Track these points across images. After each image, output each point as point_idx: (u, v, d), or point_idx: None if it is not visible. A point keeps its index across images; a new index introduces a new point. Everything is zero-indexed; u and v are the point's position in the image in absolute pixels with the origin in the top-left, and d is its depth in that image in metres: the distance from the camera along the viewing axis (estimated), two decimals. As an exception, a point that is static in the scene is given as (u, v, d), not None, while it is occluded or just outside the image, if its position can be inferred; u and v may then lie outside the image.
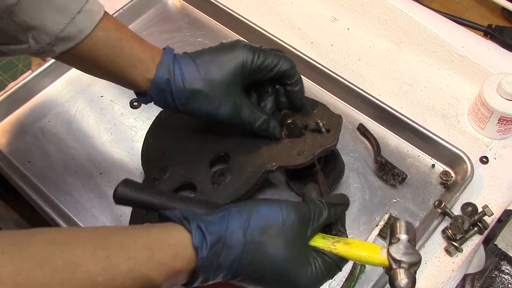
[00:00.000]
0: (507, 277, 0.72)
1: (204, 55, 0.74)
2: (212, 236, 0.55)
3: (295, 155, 0.77)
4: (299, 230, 0.58)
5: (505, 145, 0.92)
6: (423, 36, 1.02)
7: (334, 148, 0.79)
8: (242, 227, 0.56)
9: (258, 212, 0.58)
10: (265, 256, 0.56)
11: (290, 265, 0.57)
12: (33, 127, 0.96)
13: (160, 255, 0.53)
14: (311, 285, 0.59)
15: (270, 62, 0.73)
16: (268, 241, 0.56)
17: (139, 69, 0.72)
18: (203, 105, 0.73)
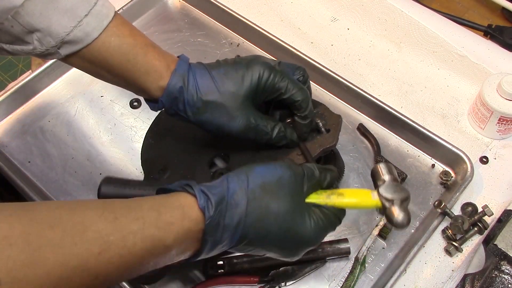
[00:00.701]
0: (507, 277, 0.72)
1: (220, 67, 0.72)
2: (215, 197, 0.56)
3: (294, 155, 0.77)
4: (296, 185, 0.61)
5: (505, 145, 0.92)
6: (423, 36, 1.02)
7: (334, 148, 0.79)
8: (242, 186, 0.58)
9: (255, 171, 0.60)
10: (269, 211, 0.58)
11: (293, 217, 0.59)
12: (33, 127, 0.96)
13: (167, 215, 0.54)
14: (315, 237, 0.61)
15: (284, 86, 0.72)
16: (269, 197, 0.58)
17: (152, 76, 0.70)
18: (215, 117, 0.72)
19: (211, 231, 0.56)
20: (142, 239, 0.52)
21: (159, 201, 0.56)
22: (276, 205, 0.58)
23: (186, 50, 1.06)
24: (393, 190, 0.63)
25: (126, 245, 0.51)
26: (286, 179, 0.60)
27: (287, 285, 0.78)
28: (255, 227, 0.58)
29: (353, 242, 0.81)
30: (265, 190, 0.59)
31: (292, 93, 0.72)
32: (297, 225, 0.60)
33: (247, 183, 0.59)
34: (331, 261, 0.80)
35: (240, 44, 1.06)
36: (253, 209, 0.58)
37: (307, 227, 0.60)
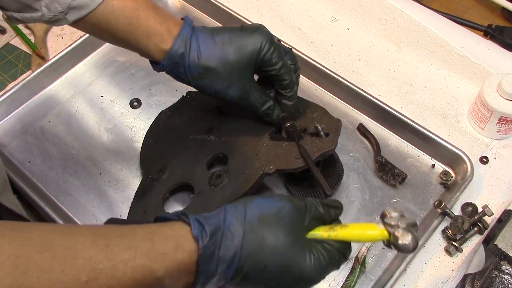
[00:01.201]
0: (507, 277, 0.72)
1: (224, 33, 0.74)
2: (210, 226, 0.54)
3: (293, 159, 0.76)
4: (296, 218, 0.58)
5: (505, 145, 0.92)
6: (423, 36, 1.02)
7: (332, 152, 0.78)
8: (239, 217, 0.56)
9: (253, 203, 0.58)
10: (266, 244, 0.55)
11: (291, 252, 0.56)
12: (33, 127, 0.96)
13: (160, 245, 0.52)
14: (315, 275, 0.58)
15: (278, 63, 0.74)
16: (266, 229, 0.56)
17: (154, 40, 0.72)
18: (214, 83, 0.74)
19: (205, 262, 0.54)
20: (132, 269, 0.50)
21: (153, 230, 0.54)
22: (274, 238, 0.55)
23: (186, 50, 1.05)
24: (398, 219, 0.58)
25: (115, 275, 0.49)
26: (286, 212, 0.57)
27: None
28: (252, 260, 0.55)
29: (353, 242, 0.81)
30: (262, 222, 0.56)
31: (283, 72, 0.75)
32: (296, 261, 0.56)
33: (245, 214, 0.56)
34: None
35: (240, 44, 1.06)
36: (250, 241, 0.55)
37: (307, 263, 0.57)
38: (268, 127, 0.82)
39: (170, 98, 0.97)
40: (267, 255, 0.55)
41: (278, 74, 0.75)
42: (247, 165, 0.79)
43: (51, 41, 1.09)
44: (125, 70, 0.93)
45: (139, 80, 1.00)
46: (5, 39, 1.10)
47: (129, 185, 0.89)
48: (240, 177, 0.78)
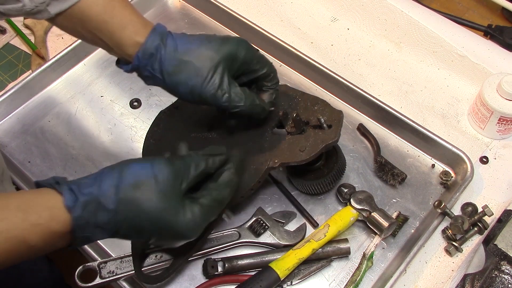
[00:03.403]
0: (507, 277, 0.72)
1: (202, 34, 0.73)
2: (84, 197, 0.56)
3: (297, 152, 0.77)
4: (173, 182, 0.61)
5: (505, 145, 0.92)
6: (423, 36, 1.02)
7: (336, 143, 0.79)
8: (114, 185, 0.58)
9: (130, 169, 0.60)
10: (140, 210, 0.58)
11: (166, 214, 0.59)
12: (33, 127, 0.96)
13: (34, 216, 0.54)
14: (191, 229, 0.62)
15: (256, 63, 0.74)
16: (140, 196, 0.58)
17: (128, 30, 0.69)
18: (189, 77, 0.70)
19: (79, 230, 0.56)
20: (5, 239, 0.52)
21: (27, 200, 0.55)
22: (149, 204, 0.58)
23: (186, 50, 1.05)
24: None
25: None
26: (161, 178, 0.60)
27: (293, 284, 0.78)
28: (127, 224, 0.59)
29: (353, 242, 0.81)
30: (138, 189, 0.58)
31: (266, 66, 0.75)
32: (171, 222, 0.60)
33: (120, 181, 0.58)
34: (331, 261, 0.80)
35: (240, 44, 1.06)
36: (124, 208, 0.58)
37: (181, 221, 0.61)
38: (270, 122, 0.83)
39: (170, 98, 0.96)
40: (142, 220, 0.59)
41: (263, 70, 0.74)
42: (252, 160, 0.79)
43: (51, 41, 1.09)
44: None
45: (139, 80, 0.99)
46: (5, 39, 1.10)
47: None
48: (245, 172, 0.78)
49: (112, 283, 0.76)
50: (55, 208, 0.55)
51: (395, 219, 0.80)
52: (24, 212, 0.54)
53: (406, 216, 0.84)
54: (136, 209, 0.58)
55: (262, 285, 0.74)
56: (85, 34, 0.72)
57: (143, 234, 0.61)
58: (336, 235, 0.79)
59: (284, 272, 0.75)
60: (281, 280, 0.75)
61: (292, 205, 0.85)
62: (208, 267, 0.78)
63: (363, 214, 0.80)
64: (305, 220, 0.84)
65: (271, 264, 0.76)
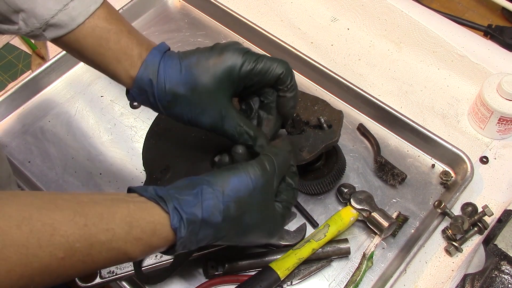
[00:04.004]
0: (507, 277, 0.72)
1: (193, 56, 0.67)
2: (188, 217, 0.56)
3: (297, 152, 0.77)
4: (267, 189, 0.62)
5: (505, 145, 0.92)
6: (423, 36, 1.02)
7: (336, 143, 0.79)
8: (217, 203, 0.58)
9: (230, 185, 0.59)
10: (242, 226, 0.60)
11: (264, 225, 0.62)
12: (33, 127, 0.96)
13: (138, 230, 0.54)
14: (278, 232, 0.66)
15: (262, 67, 0.66)
16: (242, 212, 0.59)
17: (123, 64, 0.67)
18: (185, 110, 0.68)
19: (182, 247, 0.57)
20: (108, 250, 0.52)
21: (133, 213, 0.55)
22: (249, 218, 0.60)
23: (186, 50, 1.05)
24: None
25: (90, 253, 0.51)
26: (259, 189, 0.60)
27: (293, 284, 0.78)
28: (228, 240, 0.61)
29: (353, 242, 0.81)
30: (239, 206, 0.59)
31: (273, 69, 0.66)
32: (267, 229, 0.63)
33: (222, 198, 0.58)
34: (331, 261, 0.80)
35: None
36: (226, 226, 0.59)
37: (275, 226, 0.64)
38: None
39: (170, 98, 0.97)
40: (241, 233, 0.61)
41: (270, 74, 0.66)
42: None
43: (51, 41, 1.09)
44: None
45: (139, 80, 1.00)
46: (5, 39, 1.10)
47: (129, 185, 0.88)
48: None
49: (112, 283, 0.76)
50: (159, 224, 0.55)
51: (395, 219, 0.80)
52: (129, 225, 0.54)
53: (406, 216, 0.84)
54: (237, 226, 0.60)
55: (262, 285, 0.74)
56: (84, 61, 0.71)
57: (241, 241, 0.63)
58: (336, 235, 0.79)
59: (284, 272, 0.75)
60: (281, 280, 0.75)
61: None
62: (208, 267, 0.78)
63: (363, 214, 0.80)
64: (305, 220, 0.84)
65: (271, 264, 0.76)
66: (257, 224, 0.61)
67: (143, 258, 0.59)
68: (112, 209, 0.54)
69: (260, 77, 0.67)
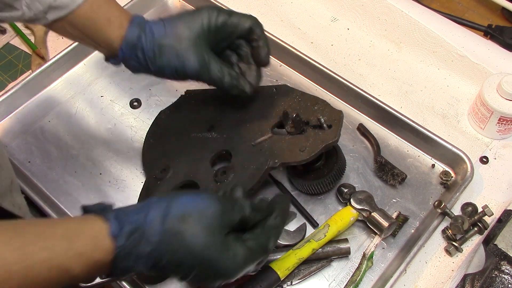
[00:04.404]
0: (507, 277, 0.72)
1: (173, 16, 0.77)
2: (130, 225, 0.55)
3: (297, 152, 0.77)
4: (220, 218, 0.59)
5: (505, 145, 0.92)
6: (423, 36, 1.02)
7: (336, 143, 0.79)
8: (160, 215, 0.57)
9: (178, 200, 0.59)
10: (183, 244, 0.57)
11: (209, 252, 0.58)
12: (33, 127, 0.96)
13: (78, 244, 0.53)
14: (231, 269, 0.59)
15: (234, 19, 0.76)
16: (186, 229, 0.57)
17: (113, 24, 0.74)
18: (171, 59, 0.74)
19: (122, 260, 0.55)
20: (48, 269, 0.51)
21: (72, 229, 0.54)
22: (193, 239, 0.57)
23: (186, 50, 1.05)
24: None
25: (29, 275, 0.49)
26: (210, 212, 0.59)
27: (293, 284, 0.78)
28: (169, 257, 0.57)
29: (353, 242, 0.81)
30: (184, 222, 0.57)
31: (244, 21, 0.76)
32: (213, 260, 0.58)
33: (167, 211, 0.57)
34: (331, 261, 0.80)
35: (240, 44, 1.06)
36: (168, 240, 0.56)
37: (224, 262, 0.58)
38: (270, 121, 0.83)
39: (170, 98, 0.97)
40: (185, 253, 0.57)
41: (240, 27, 0.76)
42: (252, 160, 0.79)
43: (51, 41, 1.09)
44: (125, 70, 0.93)
45: (139, 80, 1.00)
46: (5, 39, 1.10)
47: (129, 185, 0.89)
48: (246, 172, 0.79)
49: (112, 283, 0.76)
50: (100, 235, 0.54)
51: (395, 219, 0.80)
52: (69, 240, 0.53)
53: (406, 216, 0.84)
54: (180, 242, 0.57)
55: (262, 285, 0.74)
56: (74, 33, 0.75)
57: (183, 269, 0.58)
58: (336, 235, 0.79)
59: (284, 272, 0.75)
60: (281, 280, 0.75)
61: (292, 205, 0.85)
62: (208, 267, 0.78)
63: (363, 214, 0.80)
64: (305, 220, 0.84)
65: (271, 264, 0.76)
66: (201, 249, 0.57)
67: (89, 280, 0.56)
68: (51, 226, 0.53)
69: (233, 28, 0.76)
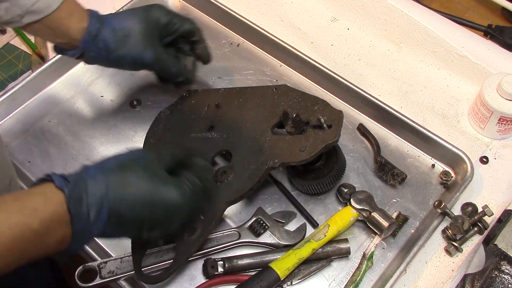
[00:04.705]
0: (507, 277, 0.72)
1: (129, 11, 0.86)
2: (73, 177, 0.60)
3: (297, 152, 0.78)
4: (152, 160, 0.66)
5: (505, 145, 0.92)
6: (423, 36, 1.02)
7: (336, 143, 0.79)
8: (99, 167, 0.63)
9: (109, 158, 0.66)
10: (129, 183, 0.62)
11: (155, 186, 0.64)
12: (33, 127, 0.96)
13: (29, 202, 0.57)
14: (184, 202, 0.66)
15: (177, 20, 0.86)
16: (126, 171, 0.63)
17: (75, 17, 0.79)
18: (130, 49, 0.83)
19: (75, 207, 0.58)
20: (9, 227, 0.54)
21: (21, 192, 0.59)
22: (135, 176, 0.63)
23: (186, 50, 1.06)
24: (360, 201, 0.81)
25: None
26: (140, 158, 0.66)
27: (293, 284, 0.78)
28: (119, 199, 0.61)
29: (353, 242, 0.81)
30: (121, 167, 0.63)
31: (185, 23, 0.87)
32: (161, 192, 0.64)
33: (104, 164, 0.64)
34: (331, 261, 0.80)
35: (240, 44, 1.06)
36: (113, 183, 0.61)
37: (172, 193, 0.65)
38: (270, 122, 0.83)
39: (170, 98, 0.97)
40: (133, 192, 0.62)
41: (180, 28, 0.87)
42: (252, 160, 0.79)
43: (51, 41, 1.09)
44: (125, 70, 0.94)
45: (139, 80, 1.00)
46: (5, 39, 1.10)
47: (129, 185, 0.89)
48: (246, 172, 0.79)
49: (112, 283, 0.76)
50: (48, 191, 0.58)
51: (395, 219, 0.80)
52: (21, 201, 0.57)
53: (406, 216, 0.84)
54: (124, 183, 0.62)
55: (262, 285, 0.74)
56: (43, 32, 0.81)
57: (136, 211, 0.62)
58: (336, 235, 0.79)
59: (284, 272, 0.75)
60: (281, 280, 0.75)
61: (292, 205, 0.85)
62: (208, 267, 0.78)
63: (363, 214, 0.80)
64: (305, 220, 0.84)
65: (271, 264, 0.76)
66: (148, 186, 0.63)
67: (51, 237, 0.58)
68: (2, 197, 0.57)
69: (177, 27, 0.86)
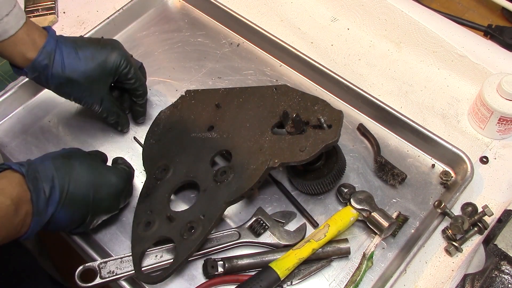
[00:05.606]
0: (507, 277, 0.72)
1: (87, 49, 0.84)
2: (25, 162, 0.71)
3: (297, 152, 0.77)
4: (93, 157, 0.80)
5: (505, 145, 0.92)
6: (423, 36, 1.02)
7: (336, 143, 0.79)
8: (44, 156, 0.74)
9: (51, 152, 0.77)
10: (73, 165, 0.74)
11: (97, 170, 0.76)
12: (33, 127, 0.96)
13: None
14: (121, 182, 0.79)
15: (134, 78, 0.88)
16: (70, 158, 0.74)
17: (19, 48, 0.79)
18: (74, 91, 0.85)
19: (33, 184, 0.68)
20: None
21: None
22: (77, 161, 0.74)
23: (186, 50, 1.06)
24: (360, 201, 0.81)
25: None
26: (78, 151, 0.79)
27: (293, 284, 0.78)
28: (68, 178, 0.72)
29: (353, 242, 0.81)
30: (64, 156, 0.74)
31: (137, 85, 0.89)
32: (103, 174, 0.77)
33: (47, 155, 0.74)
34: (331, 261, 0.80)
35: (240, 44, 1.06)
36: (60, 166, 0.72)
37: (112, 174, 0.78)
38: (270, 122, 0.83)
39: (170, 98, 0.97)
40: (79, 173, 0.73)
41: (133, 87, 0.89)
42: (252, 160, 0.79)
43: (51, 41, 1.08)
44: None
45: (139, 80, 1.00)
46: (5, 39, 1.10)
47: (129, 185, 0.89)
48: (245, 172, 0.79)
49: (112, 283, 0.76)
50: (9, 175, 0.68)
51: (395, 219, 0.80)
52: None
53: (406, 216, 0.84)
54: (70, 164, 0.73)
55: (262, 285, 0.74)
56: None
57: (83, 190, 0.73)
58: (336, 235, 0.79)
59: (284, 272, 0.75)
60: (281, 280, 0.75)
61: (292, 205, 0.85)
62: (208, 267, 0.78)
63: (363, 214, 0.80)
64: (305, 220, 0.84)
65: (271, 264, 0.76)
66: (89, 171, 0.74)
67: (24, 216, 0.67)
68: None
69: (126, 82, 0.88)
